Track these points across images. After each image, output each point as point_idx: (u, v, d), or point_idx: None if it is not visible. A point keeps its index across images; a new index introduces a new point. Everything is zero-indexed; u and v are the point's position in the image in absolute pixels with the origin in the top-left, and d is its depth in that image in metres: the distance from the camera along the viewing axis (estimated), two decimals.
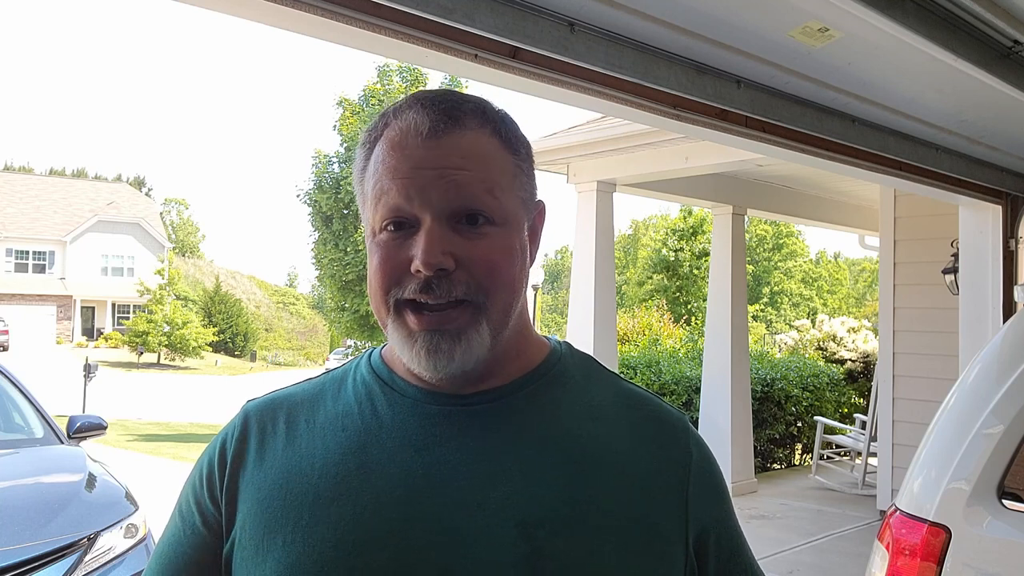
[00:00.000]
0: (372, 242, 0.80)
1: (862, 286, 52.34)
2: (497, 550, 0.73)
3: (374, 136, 0.81)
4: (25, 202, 41.80)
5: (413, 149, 0.77)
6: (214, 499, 0.82)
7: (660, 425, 0.86)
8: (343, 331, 20.38)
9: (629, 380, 0.91)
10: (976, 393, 2.20)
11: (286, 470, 0.80)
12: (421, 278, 0.75)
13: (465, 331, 0.76)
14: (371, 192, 0.79)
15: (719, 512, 0.85)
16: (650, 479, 0.81)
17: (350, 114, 18.76)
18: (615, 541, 0.76)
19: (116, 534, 3.46)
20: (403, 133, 0.78)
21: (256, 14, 2.14)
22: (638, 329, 13.24)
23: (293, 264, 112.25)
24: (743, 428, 7.02)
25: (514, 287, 0.80)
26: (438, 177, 0.76)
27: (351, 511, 0.75)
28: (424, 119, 0.78)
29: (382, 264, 0.77)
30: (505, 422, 0.80)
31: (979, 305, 4.67)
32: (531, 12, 2.31)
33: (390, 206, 0.77)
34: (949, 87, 3.16)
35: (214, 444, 0.86)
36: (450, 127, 0.78)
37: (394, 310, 0.78)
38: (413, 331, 0.77)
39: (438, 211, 0.76)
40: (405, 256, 0.76)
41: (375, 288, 0.79)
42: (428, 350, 0.76)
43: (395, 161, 0.77)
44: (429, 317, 0.76)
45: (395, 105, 0.82)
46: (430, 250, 0.74)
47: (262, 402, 0.88)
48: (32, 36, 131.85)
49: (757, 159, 5.09)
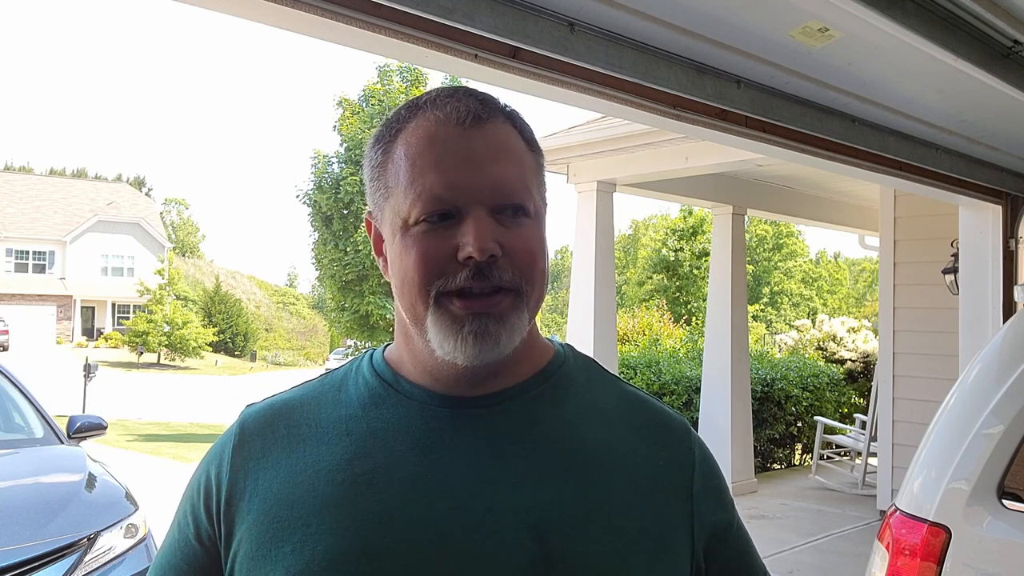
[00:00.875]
0: (404, 235, 0.77)
1: (862, 286, 52.34)
2: (509, 554, 0.73)
3: (396, 128, 0.80)
4: (25, 202, 41.80)
5: (455, 139, 0.76)
6: (209, 514, 0.81)
7: (663, 428, 0.86)
8: (343, 331, 20.37)
9: (628, 382, 0.92)
10: (976, 393, 2.20)
11: (292, 477, 0.78)
12: (471, 265, 0.74)
13: (508, 316, 0.76)
14: (404, 184, 0.77)
15: (723, 512, 0.86)
16: (656, 481, 0.81)
17: (350, 114, 18.74)
18: (624, 543, 0.77)
19: (116, 534, 3.46)
20: (440, 122, 0.77)
21: (256, 14, 2.14)
22: (638, 329, 13.24)
23: (293, 264, 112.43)
24: (743, 428, 7.01)
25: (546, 279, 0.81)
26: (482, 168, 0.76)
27: (360, 517, 0.74)
28: (465, 107, 0.77)
29: (424, 256, 0.76)
30: (513, 425, 0.80)
31: (979, 305, 4.67)
32: (531, 12, 2.31)
33: (434, 197, 0.75)
34: (949, 87, 3.16)
35: (212, 456, 0.85)
36: (489, 116, 0.78)
37: (435, 302, 0.76)
38: (460, 316, 0.75)
39: (483, 202, 0.75)
40: (448, 246, 0.75)
41: (413, 281, 0.76)
42: (477, 334, 0.75)
43: (436, 152, 0.76)
44: (477, 301, 0.75)
45: (418, 99, 0.81)
46: (483, 236, 0.74)
47: (260, 409, 0.86)
48: (32, 36, 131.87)
49: (757, 159, 5.09)
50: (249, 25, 10.00)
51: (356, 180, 17.49)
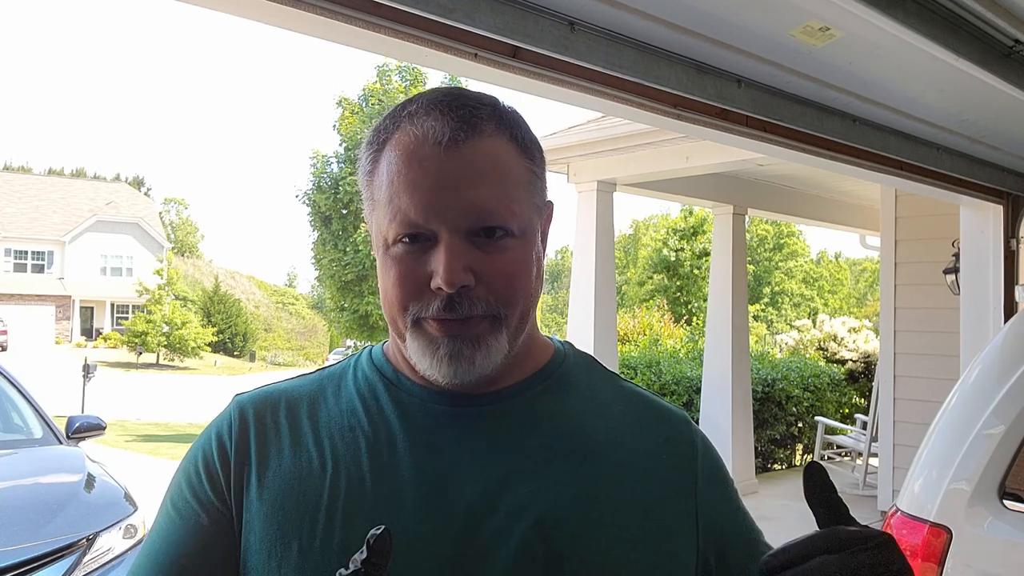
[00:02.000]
0: (385, 253, 0.77)
1: (863, 286, 52.35)
2: (515, 551, 0.73)
3: (383, 138, 0.78)
4: (24, 202, 41.80)
5: (432, 160, 0.74)
6: (216, 489, 0.79)
7: (665, 422, 0.86)
8: (342, 331, 20.38)
9: (628, 379, 0.92)
10: (977, 393, 2.20)
11: (295, 472, 0.78)
12: (443, 295, 0.74)
13: (484, 338, 0.76)
14: (384, 202, 0.76)
15: (729, 502, 0.86)
16: (660, 475, 0.82)
17: (350, 114, 18.74)
18: (630, 539, 0.77)
19: (115, 535, 3.46)
20: (419, 141, 0.75)
21: (256, 14, 2.13)
22: (638, 329, 13.23)
23: (293, 264, 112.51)
24: (744, 428, 7.01)
25: (531, 296, 0.80)
26: (457, 192, 0.73)
27: (367, 515, 0.74)
28: (443, 127, 0.74)
29: (401, 280, 0.76)
30: (516, 422, 0.80)
31: (980, 305, 4.66)
32: (531, 11, 2.31)
33: (408, 221, 0.74)
34: (950, 87, 3.15)
35: (208, 438, 0.82)
36: (469, 135, 0.75)
37: (413, 323, 0.76)
38: (435, 337, 0.76)
39: (457, 227, 0.74)
40: (423, 272, 0.75)
41: (393, 302, 0.77)
42: (451, 356, 0.75)
43: (413, 174, 0.74)
44: (451, 324, 0.75)
45: (406, 106, 0.79)
46: (452, 268, 0.73)
47: (257, 396, 0.84)
48: (32, 36, 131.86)
49: (758, 159, 5.09)
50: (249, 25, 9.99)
51: (355, 180, 17.36)
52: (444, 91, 0.80)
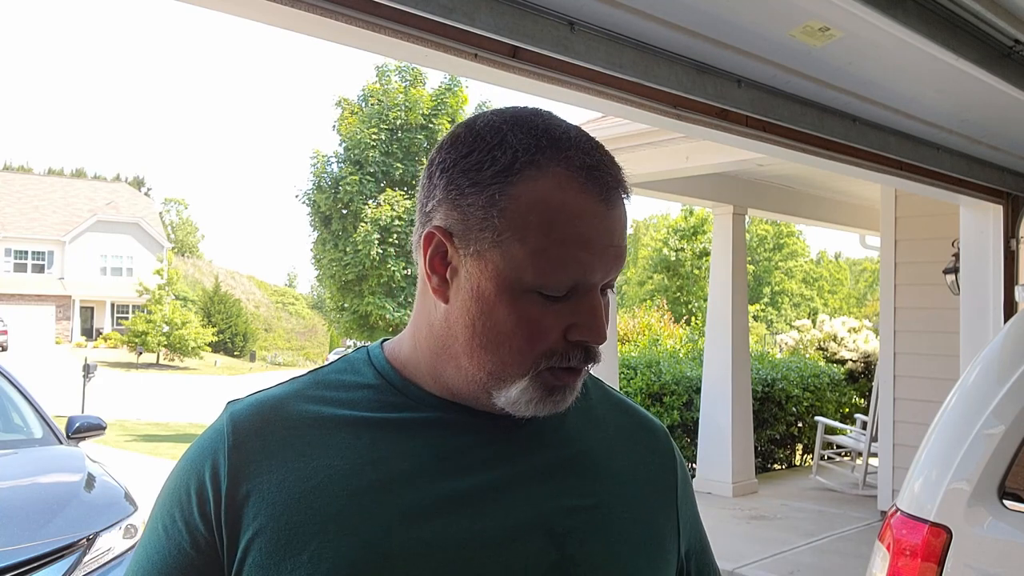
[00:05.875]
0: (513, 293, 0.73)
1: (863, 286, 52.35)
2: (529, 558, 0.74)
3: (520, 162, 0.72)
4: (24, 202, 41.81)
5: (601, 219, 0.73)
6: (206, 518, 0.75)
7: (649, 432, 0.92)
8: (342, 331, 20.35)
9: (610, 386, 0.96)
10: (977, 393, 2.20)
11: (301, 482, 0.74)
12: (583, 347, 0.75)
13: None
14: (536, 248, 0.72)
15: (696, 511, 0.95)
16: (650, 484, 0.87)
17: (349, 114, 18.72)
18: (633, 544, 0.80)
19: (115, 534, 3.46)
20: (586, 194, 0.72)
21: (256, 14, 2.13)
22: (638, 329, 13.22)
23: (293, 264, 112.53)
24: (744, 428, 7.01)
25: None
26: (614, 250, 0.75)
27: (379, 523, 0.73)
28: (609, 182, 0.74)
29: (537, 328, 0.74)
30: (521, 431, 0.81)
31: (980, 305, 4.66)
32: (531, 11, 2.31)
33: (575, 278, 0.73)
34: (950, 87, 3.15)
35: (200, 457, 0.78)
36: (623, 188, 0.76)
37: (536, 372, 0.75)
38: (558, 386, 0.76)
39: (604, 284, 0.76)
40: (561, 321, 0.74)
41: (518, 347, 0.74)
42: (559, 402, 0.77)
43: (583, 229, 0.72)
44: (576, 375, 0.77)
45: (550, 135, 0.74)
46: (602, 324, 0.75)
47: (250, 406, 0.80)
48: (32, 36, 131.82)
49: (758, 159, 5.09)
50: (249, 24, 9.98)
51: (355, 180, 17.44)
52: (584, 134, 0.77)
